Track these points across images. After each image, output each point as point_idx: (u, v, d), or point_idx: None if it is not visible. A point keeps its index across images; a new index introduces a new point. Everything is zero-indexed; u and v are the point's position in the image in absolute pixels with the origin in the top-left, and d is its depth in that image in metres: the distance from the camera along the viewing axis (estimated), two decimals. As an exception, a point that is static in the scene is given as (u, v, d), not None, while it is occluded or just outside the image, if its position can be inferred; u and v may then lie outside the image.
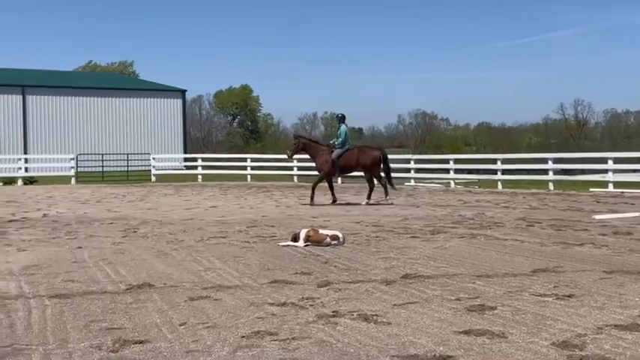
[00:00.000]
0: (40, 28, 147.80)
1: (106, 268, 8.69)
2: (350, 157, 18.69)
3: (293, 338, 5.35)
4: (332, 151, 18.73)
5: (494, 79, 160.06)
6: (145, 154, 40.18)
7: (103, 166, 36.41)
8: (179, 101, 50.95)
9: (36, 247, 10.71)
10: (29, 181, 32.56)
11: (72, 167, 33.83)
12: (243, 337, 5.42)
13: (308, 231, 10.56)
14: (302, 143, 19.30)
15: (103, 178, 34.86)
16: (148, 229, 12.95)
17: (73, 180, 32.88)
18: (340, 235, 10.58)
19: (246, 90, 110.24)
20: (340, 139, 18.79)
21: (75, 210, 17.60)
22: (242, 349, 5.11)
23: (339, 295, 6.94)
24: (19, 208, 18.43)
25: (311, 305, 6.48)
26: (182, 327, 5.74)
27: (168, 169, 39.57)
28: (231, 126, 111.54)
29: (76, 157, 34.56)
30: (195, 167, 36.32)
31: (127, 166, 37.02)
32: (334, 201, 18.94)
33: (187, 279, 7.89)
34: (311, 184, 19.53)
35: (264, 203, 19.62)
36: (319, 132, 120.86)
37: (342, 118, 19.35)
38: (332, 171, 18.83)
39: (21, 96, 45.21)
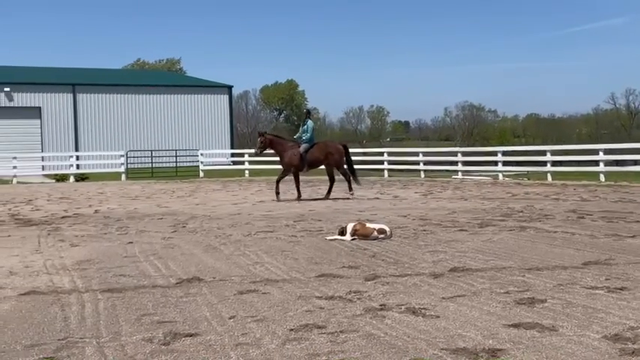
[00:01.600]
0: (89, 28, 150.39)
1: (157, 262, 8.82)
2: (317, 152, 18.64)
3: (341, 331, 5.37)
4: (299, 146, 18.60)
5: (543, 70, 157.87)
6: (193, 150, 40.62)
7: (152, 163, 36.95)
8: (226, 97, 51.24)
9: (88, 242, 10.92)
10: (81, 177, 33.21)
11: (122, 164, 34.39)
12: (292, 330, 5.46)
13: (355, 225, 10.56)
14: (268, 140, 18.90)
15: (152, 174, 35.36)
16: (197, 224, 13.10)
17: (123, 176, 33.42)
18: (387, 229, 10.56)
19: (292, 85, 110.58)
20: (308, 135, 18.61)
21: (125, 206, 17.88)
22: (291, 342, 5.14)
23: (387, 288, 6.94)
24: (72, 204, 18.80)
25: (359, 299, 6.49)
26: (231, 320, 5.80)
27: (216, 165, 39.91)
28: (278, 121, 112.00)
29: (126, 154, 35.10)
30: (243, 162, 36.59)
31: (176, 162, 37.48)
32: (299, 197, 18.59)
33: (236, 273, 7.97)
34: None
35: (310, 197, 19.66)
36: (365, 126, 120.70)
37: (307, 113, 19.37)
38: (300, 165, 18.63)
39: (72, 94, 46.05)
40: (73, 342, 5.26)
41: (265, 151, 19.21)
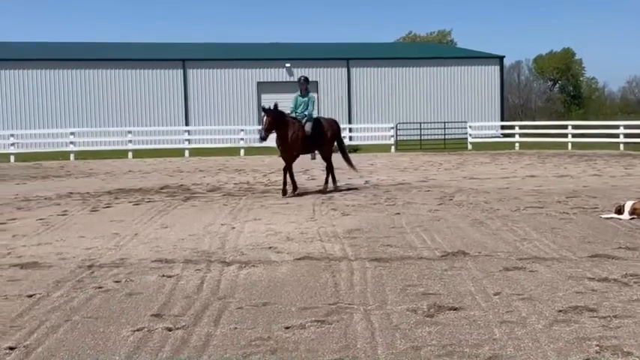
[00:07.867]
0: (362, 2, 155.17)
1: (422, 234, 8.93)
2: (321, 131, 15.11)
3: (614, 316, 5.06)
4: (301, 124, 14.70)
5: None
6: (461, 122, 40.38)
7: (420, 135, 37.34)
8: (496, 68, 50.21)
9: (358, 212, 11.35)
10: (353, 149, 34.51)
11: (392, 136, 35.16)
12: (560, 311, 5.25)
13: (634, 203, 9.86)
14: (269, 120, 14.00)
15: (420, 146, 35.75)
16: (464, 197, 13.03)
17: (392, 148, 34.18)
18: (671, 209, 9.70)
19: (568, 53, 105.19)
20: (311, 108, 15.03)
21: (394, 177, 18.29)
22: (558, 323, 4.95)
23: (669, 273, 6.39)
24: (344, 174, 19.61)
25: (635, 282, 6.07)
26: (496, 297, 5.71)
27: (485, 137, 39.33)
28: (552, 91, 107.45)
29: (396, 126, 35.82)
30: (513, 135, 35.66)
31: (444, 134, 37.53)
32: (295, 189, 14.58)
33: (502, 249, 7.82)
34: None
35: (585, 173, 18.65)
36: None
37: (306, 81, 15.30)
38: (307, 149, 15.04)
39: (346, 69, 47.99)
40: (342, 307, 5.52)
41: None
